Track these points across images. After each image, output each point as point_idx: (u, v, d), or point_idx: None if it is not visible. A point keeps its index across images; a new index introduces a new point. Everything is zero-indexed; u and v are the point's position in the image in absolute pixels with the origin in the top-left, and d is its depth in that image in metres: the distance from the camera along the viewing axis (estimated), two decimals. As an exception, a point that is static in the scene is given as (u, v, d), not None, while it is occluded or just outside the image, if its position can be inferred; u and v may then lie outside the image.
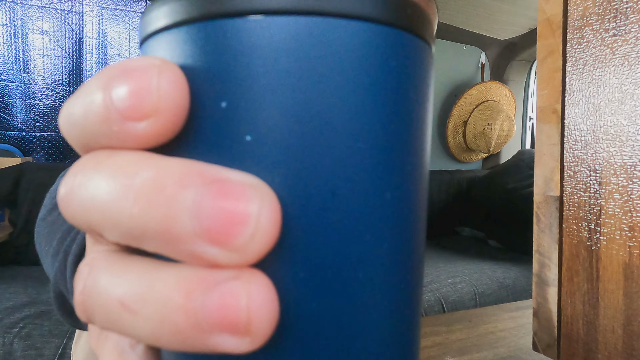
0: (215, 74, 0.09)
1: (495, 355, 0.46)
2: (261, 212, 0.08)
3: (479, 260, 1.49)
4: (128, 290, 0.09)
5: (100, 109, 0.09)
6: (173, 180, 0.08)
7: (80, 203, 0.09)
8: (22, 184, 1.22)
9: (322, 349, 0.09)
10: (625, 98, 0.25)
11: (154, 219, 0.08)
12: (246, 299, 0.08)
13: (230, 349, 0.08)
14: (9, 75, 1.32)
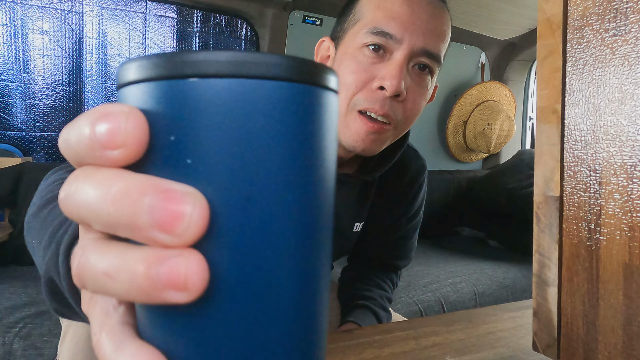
0: (166, 118, 0.13)
1: (495, 355, 0.46)
2: (193, 211, 0.12)
3: (479, 260, 1.49)
4: (109, 264, 0.13)
5: (87, 140, 0.13)
6: (136, 190, 0.12)
7: (74, 204, 0.14)
8: (22, 184, 1.22)
9: (241, 304, 0.13)
10: (625, 98, 0.25)
11: (124, 216, 0.12)
12: (184, 268, 0.12)
13: (175, 300, 0.12)
14: (9, 75, 1.32)
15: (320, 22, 1.69)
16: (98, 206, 0.13)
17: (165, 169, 0.13)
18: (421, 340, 0.49)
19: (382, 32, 0.54)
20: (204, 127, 0.12)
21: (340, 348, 0.47)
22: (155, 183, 0.12)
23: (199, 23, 1.56)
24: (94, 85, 1.43)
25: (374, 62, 0.55)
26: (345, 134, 0.57)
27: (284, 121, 0.13)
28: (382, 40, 0.54)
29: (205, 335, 0.13)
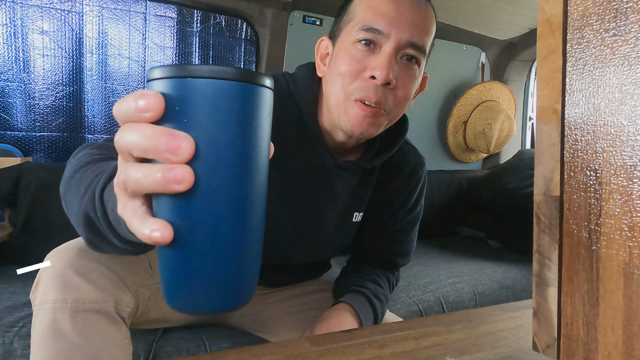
0: (173, 97, 0.24)
1: (495, 355, 0.46)
2: (186, 145, 0.23)
3: (479, 260, 1.49)
4: (142, 172, 0.25)
5: (133, 107, 0.24)
6: (158, 133, 0.24)
7: (125, 141, 0.25)
8: (22, 184, 1.22)
9: (208, 193, 0.24)
10: (625, 98, 0.25)
11: (151, 146, 0.24)
12: (182, 172, 0.23)
13: (176, 189, 0.24)
14: (9, 75, 1.32)
15: (320, 22, 1.69)
16: (138, 141, 0.24)
17: (173, 124, 0.24)
18: (421, 340, 0.49)
19: (371, 28, 0.60)
20: (192, 103, 0.24)
21: (340, 348, 0.47)
22: (168, 130, 0.24)
23: (199, 23, 1.56)
24: (94, 85, 1.43)
25: (366, 55, 0.61)
26: (344, 119, 0.63)
27: (234, 101, 0.25)
28: (372, 35, 0.61)
29: (188, 211, 0.25)
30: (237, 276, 0.26)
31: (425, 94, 1.99)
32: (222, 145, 0.24)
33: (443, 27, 1.86)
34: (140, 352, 0.79)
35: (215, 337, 0.86)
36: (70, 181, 0.45)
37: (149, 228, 0.25)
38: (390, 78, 0.60)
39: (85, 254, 0.59)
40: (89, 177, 0.42)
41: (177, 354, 0.81)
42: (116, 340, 0.57)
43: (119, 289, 0.60)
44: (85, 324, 0.55)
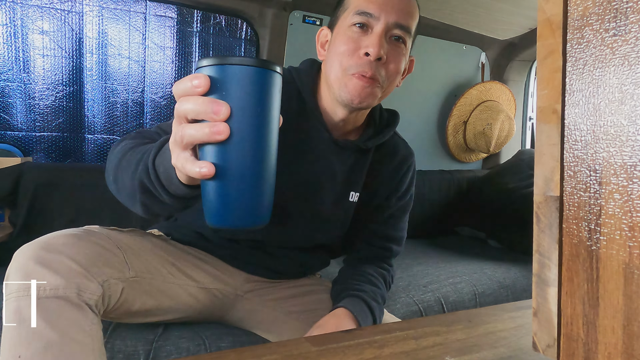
0: (215, 78, 0.38)
1: (495, 355, 0.46)
2: (225, 109, 0.37)
3: (479, 260, 1.49)
4: (195, 129, 0.38)
5: (189, 85, 0.38)
6: (207, 101, 0.37)
7: (183, 108, 0.39)
8: (22, 184, 1.22)
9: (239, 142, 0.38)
10: (625, 98, 0.25)
11: (202, 110, 0.37)
12: (222, 127, 0.37)
13: (219, 139, 0.37)
14: (9, 75, 1.32)
15: (320, 22, 1.69)
16: (193, 107, 0.38)
17: (215, 95, 0.37)
18: (421, 340, 0.49)
19: (364, 12, 0.71)
20: (227, 82, 0.37)
21: (340, 348, 0.47)
22: (212, 99, 0.37)
23: (199, 23, 1.56)
24: (94, 85, 1.43)
25: (360, 36, 0.72)
26: (344, 91, 0.73)
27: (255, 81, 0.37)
28: (364, 19, 0.71)
29: (224, 154, 0.37)
30: (258, 200, 0.39)
31: (425, 94, 2.00)
32: (247, 110, 0.37)
33: (443, 27, 1.86)
34: (140, 351, 0.79)
35: (215, 336, 0.86)
36: (119, 164, 0.58)
37: (198, 167, 0.38)
38: (382, 54, 0.70)
39: (48, 248, 0.62)
40: (137, 157, 0.55)
41: (177, 353, 0.81)
42: (81, 324, 0.58)
43: (83, 277, 0.61)
44: (47, 309, 0.57)
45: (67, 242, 0.63)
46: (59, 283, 0.58)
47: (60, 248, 0.62)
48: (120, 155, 0.59)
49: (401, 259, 1.50)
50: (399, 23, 0.72)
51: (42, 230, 1.21)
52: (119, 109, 1.47)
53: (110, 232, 0.74)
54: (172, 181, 0.48)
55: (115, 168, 0.59)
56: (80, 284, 0.60)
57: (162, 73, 1.52)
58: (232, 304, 0.89)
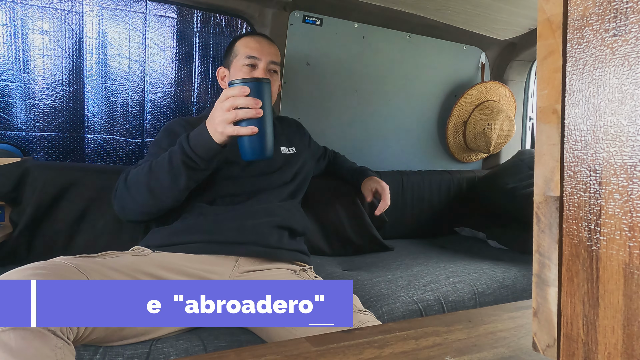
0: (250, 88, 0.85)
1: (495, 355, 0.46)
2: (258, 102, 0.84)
3: (479, 260, 1.49)
4: (245, 112, 0.84)
5: (239, 91, 0.84)
6: (251, 99, 0.84)
7: (237, 102, 0.84)
8: (28, 183, 1.21)
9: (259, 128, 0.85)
10: (625, 98, 0.25)
11: (251, 103, 0.84)
12: (260, 110, 0.84)
13: (260, 116, 0.84)
14: (9, 75, 1.32)
15: (320, 22, 1.69)
16: (245, 101, 0.83)
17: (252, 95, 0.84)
18: (421, 340, 0.49)
19: (252, 56, 1.15)
20: (253, 90, 0.84)
21: (340, 348, 0.47)
22: (254, 98, 0.83)
23: (199, 23, 1.56)
24: (94, 85, 1.43)
25: (251, 71, 1.15)
26: None
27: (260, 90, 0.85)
28: (252, 60, 1.15)
29: (258, 123, 0.85)
30: (270, 145, 0.87)
31: (425, 94, 2.00)
32: (265, 101, 0.85)
33: (443, 27, 1.86)
34: (139, 353, 0.79)
35: (214, 336, 0.86)
36: (150, 174, 0.93)
37: (250, 130, 0.83)
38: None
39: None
40: (164, 160, 0.93)
41: (176, 354, 0.81)
42: (45, 351, 0.59)
43: None
44: (7, 342, 0.57)
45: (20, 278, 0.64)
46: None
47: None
48: (146, 171, 0.94)
49: (401, 259, 1.50)
50: (273, 61, 1.17)
51: (46, 230, 1.21)
52: (119, 109, 1.47)
53: (76, 261, 0.76)
54: (210, 146, 0.88)
55: (147, 178, 0.93)
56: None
57: (162, 73, 1.52)
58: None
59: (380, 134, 1.92)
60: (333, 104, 1.80)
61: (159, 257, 0.90)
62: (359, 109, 1.86)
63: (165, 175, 0.91)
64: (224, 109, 0.83)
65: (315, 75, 1.73)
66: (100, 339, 0.74)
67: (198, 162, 0.89)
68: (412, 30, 1.86)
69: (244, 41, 1.19)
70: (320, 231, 1.56)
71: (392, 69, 1.89)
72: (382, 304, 1.09)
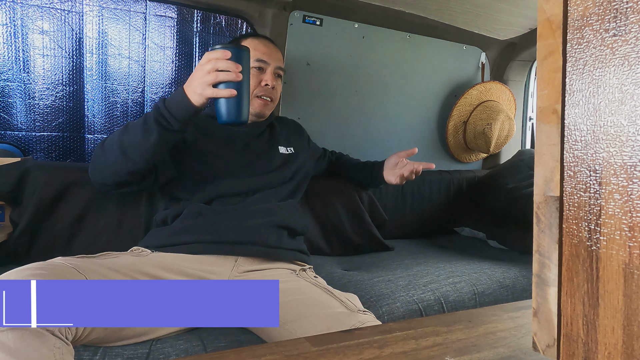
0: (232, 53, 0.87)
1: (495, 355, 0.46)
2: (239, 67, 0.86)
3: (479, 260, 1.49)
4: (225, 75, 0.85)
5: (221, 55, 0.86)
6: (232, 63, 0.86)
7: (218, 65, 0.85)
8: (29, 183, 1.20)
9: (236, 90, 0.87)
10: (625, 98, 0.25)
11: (231, 67, 0.85)
12: (240, 74, 0.86)
13: (239, 79, 0.85)
14: (9, 75, 1.32)
15: (320, 22, 1.69)
16: (226, 65, 0.84)
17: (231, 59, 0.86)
18: (421, 340, 0.49)
19: (261, 60, 1.19)
20: (235, 54, 0.87)
21: (340, 348, 0.47)
22: (234, 63, 0.84)
23: (199, 23, 1.56)
24: (94, 85, 1.43)
25: (259, 74, 1.19)
26: (252, 108, 1.19)
27: (241, 56, 0.88)
28: (262, 64, 1.19)
29: (236, 85, 0.86)
30: (246, 110, 0.89)
31: (425, 94, 2.00)
32: (243, 66, 0.86)
33: (443, 27, 1.86)
34: (139, 354, 0.79)
35: (213, 336, 0.86)
36: (124, 133, 0.94)
37: (229, 92, 0.84)
38: (274, 84, 1.20)
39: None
40: (138, 122, 0.93)
41: (176, 354, 0.81)
42: (44, 351, 0.59)
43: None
44: (5, 343, 0.57)
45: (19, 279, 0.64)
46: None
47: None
48: (121, 130, 0.95)
49: (401, 259, 1.50)
50: (279, 66, 1.22)
51: (47, 230, 1.21)
52: (119, 109, 1.47)
53: (75, 261, 0.76)
54: (186, 107, 0.88)
55: (120, 135, 0.94)
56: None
57: (162, 73, 1.52)
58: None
59: (380, 134, 1.92)
60: (333, 104, 1.80)
61: (158, 258, 0.90)
62: (359, 109, 1.86)
63: (137, 132, 0.91)
64: (205, 70, 0.83)
65: (315, 75, 1.73)
66: (99, 339, 0.74)
67: (171, 122, 0.89)
68: (412, 30, 1.86)
69: (252, 43, 1.19)
70: (320, 231, 1.56)
71: (392, 69, 1.89)
72: (382, 304, 1.08)
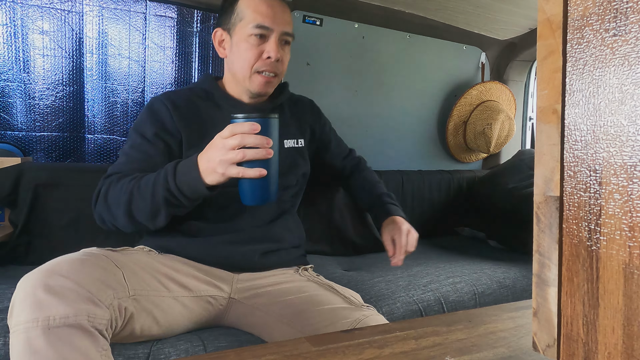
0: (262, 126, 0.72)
1: (495, 355, 0.46)
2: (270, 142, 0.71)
3: (479, 260, 1.49)
4: (254, 152, 0.71)
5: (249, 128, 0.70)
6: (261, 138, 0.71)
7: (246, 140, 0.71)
8: (22, 184, 1.22)
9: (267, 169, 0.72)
10: (625, 98, 0.25)
11: (260, 143, 0.71)
12: (271, 151, 0.71)
13: (269, 157, 0.71)
14: (9, 75, 1.32)
15: (321, 22, 1.69)
16: (254, 140, 0.69)
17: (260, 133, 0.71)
18: (421, 340, 0.49)
19: (263, 26, 0.93)
20: (265, 126, 0.72)
21: (340, 348, 0.47)
22: (263, 137, 0.70)
23: (199, 23, 1.56)
24: (94, 85, 1.43)
25: (260, 44, 0.95)
26: (251, 85, 0.98)
27: (271, 127, 0.73)
28: (263, 30, 0.94)
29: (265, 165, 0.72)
30: (275, 188, 0.75)
31: (425, 94, 2.00)
32: (275, 143, 0.72)
33: (443, 27, 1.86)
34: (139, 353, 0.79)
35: (214, 337, 0.86)
36: (130, 198, 0.82)
37: (258, 172, 0.69)
38: (279, 56, 0.96)
39: (54, 274, 0.61)
40: (150, 185, 0.81)
41: (176, 354, 0.81)
42: (91, 352, 0.58)
43: (92, 303, 0.61)
44: (58, 339, 0.56)
45: (71, 269, 0.63)
46: (68, 311, 0.57)
47: (66, 274, 0.61)
48: (127, 197, 0.83)
49: (401, 259, 1.50)
50: (286, 31, 0.97)
51: (43, 231, 1.21)
52: (119, 109, 1.47)
53: (108, 253, 0.75)
54: (199, 189, 0.76)
55: (127, 205, 0.83)
56: (89, 310, 0.60)
57: (162, 73, 1.52)
58: (226, 310, 0.90)
59: (380, 134, 1.92)
60: (333, 104, 1.80)
61: (169, 261, 0.88)
62: (359, 109, 1.86)
63: (145, 206, 0.81)
64: (228, 147, 0.69)
65: (315, 75, 1.73)
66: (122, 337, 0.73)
67: (182, 201, 0.78)
68: (412, 30, 1.86)
69: (252, 2, 0.95)
70: (323, 231, 1.56)
71: (392, 69, 1.88)
72: (382, 305, 1.08)
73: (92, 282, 0.63)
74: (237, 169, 0.70)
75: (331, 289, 0.91)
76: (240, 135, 0.69)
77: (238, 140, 0.69)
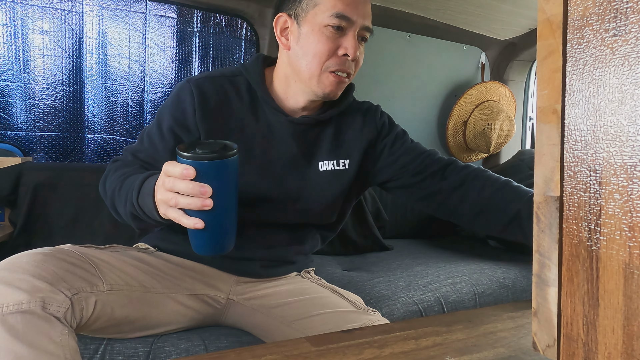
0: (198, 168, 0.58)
1: (495, 355, 0.46)
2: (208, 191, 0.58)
3: (479, 260, 1.49)
4: (188, 201, 0.58)
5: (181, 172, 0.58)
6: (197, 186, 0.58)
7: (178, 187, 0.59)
8: (22, 184, 1.22)
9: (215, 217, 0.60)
10: (625, 98, 0.25)
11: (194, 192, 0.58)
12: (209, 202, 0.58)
13: (207, 209, 0.58)
14: (9, 75, 1.32)
15: (320, 22, 1.69)
16: (185, 188, 0.57)
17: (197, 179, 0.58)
18: (421, 340, 0.49)
19: (343, 16, 0.77)
20: (205, 171, 0.58)
21: (340, 348, 0.47)
22: (201, 184, 0.57)
23: (199, 23, 1.56)
24: (94, 85, 1.43)
25: (337, 37, 0.78)
26: (318, 85, 0.81)
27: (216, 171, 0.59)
28: (343, 22, 0.77)
29: (208, 215, 0.59)
30: (227, 238, 0.64)
31: (425, 94, 2.00)
32: (221, 187, 0.59)
33: (443, 27, 1.86)
34: (140, 352, 0.79)
35: (215, 337, 0.86)
36: (114, 195, 0.78)
37: (193, 222, 0.59)
38: (357, 55, 0.80)
39: (11, 268, 0.62)
40: (125, 191, 0.73)
41: (177, 354, 0.81)
42: (50, 335, 0.58)
43: (48, 291, 0.61)
44: (12, 325, 0.57)
45: (30, 261, 0.63)
46: (22, 298, 0.58)
47: (24, 267, 0.62)
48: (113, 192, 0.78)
49: (401, 259, 1.50)
50: (366, 26, 0.81)
51: (42, 230, 1.21)
52: (119, 109, 1.47)
53: (83, 249, 0.74)
54: (156, 217, 0.67)
55: (112, 198, 0.78)
56: (45, 298, 0.60)
57: (162, 73, 1.52)
58: (225, 309, 0.90)
59: (380, 134, 1.92)
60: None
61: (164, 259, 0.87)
62: (359, 109, 1.86)
63: (123, 210, 0.76)
64: (167, 186, 0.60)
65: (315, 75, 1.73)
66: (100, 330, 0.73)
67: (146, 220, 0.72)
68: (412, 30, 1.86)
69: None
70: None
71: (392, 69, 1.89)
72: (383, 305, 1.08)
73: (51, 274, 0.63)
74: (176, 213, 0.60)
75: (336, 292, 0.90)
76: (172, 179, 0.58)
77: (170, 184, 0.58)
